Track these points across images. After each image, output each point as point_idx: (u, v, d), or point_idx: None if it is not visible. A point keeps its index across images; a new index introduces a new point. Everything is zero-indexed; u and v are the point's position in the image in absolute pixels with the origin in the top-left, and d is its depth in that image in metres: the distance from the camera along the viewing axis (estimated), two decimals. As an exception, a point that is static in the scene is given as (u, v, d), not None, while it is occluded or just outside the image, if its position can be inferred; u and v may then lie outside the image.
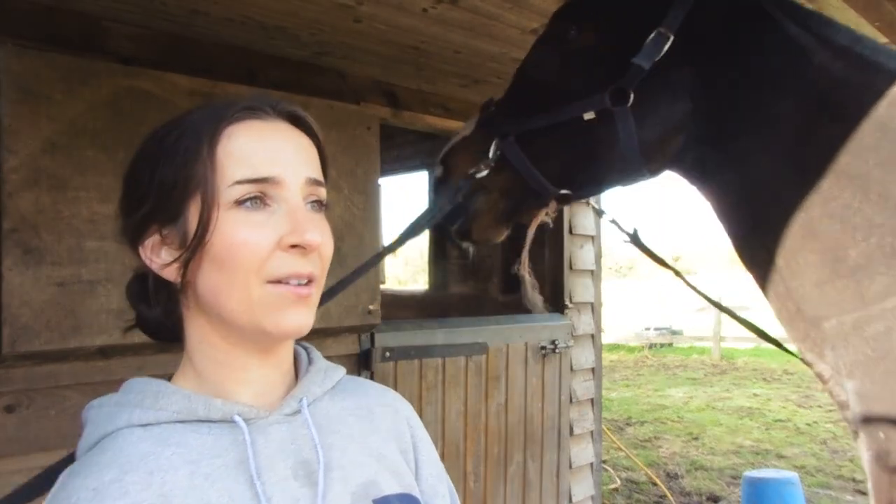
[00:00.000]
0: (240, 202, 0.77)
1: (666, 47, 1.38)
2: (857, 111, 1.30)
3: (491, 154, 1.52)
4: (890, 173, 1.25)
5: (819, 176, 1.31)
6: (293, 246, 0.77)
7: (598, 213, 1.86)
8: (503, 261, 4.29)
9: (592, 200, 1.76)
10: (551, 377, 3.77)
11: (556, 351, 3.76)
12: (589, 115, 1.42)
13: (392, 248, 1.65)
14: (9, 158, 1.94)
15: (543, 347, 3.69)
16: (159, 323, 0.86)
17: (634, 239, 1.73)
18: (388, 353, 2.98)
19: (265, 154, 0.79)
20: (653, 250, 1.76)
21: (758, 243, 1.43)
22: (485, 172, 1.51)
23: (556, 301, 3.95)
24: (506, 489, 3.49)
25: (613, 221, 1.82)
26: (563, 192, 1.53)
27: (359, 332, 2.90)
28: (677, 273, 1.78)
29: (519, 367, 3.57)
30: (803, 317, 1.37)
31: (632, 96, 1.39)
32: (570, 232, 3.93)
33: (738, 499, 5.37)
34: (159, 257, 0.81)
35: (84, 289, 2.06)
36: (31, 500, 0.95)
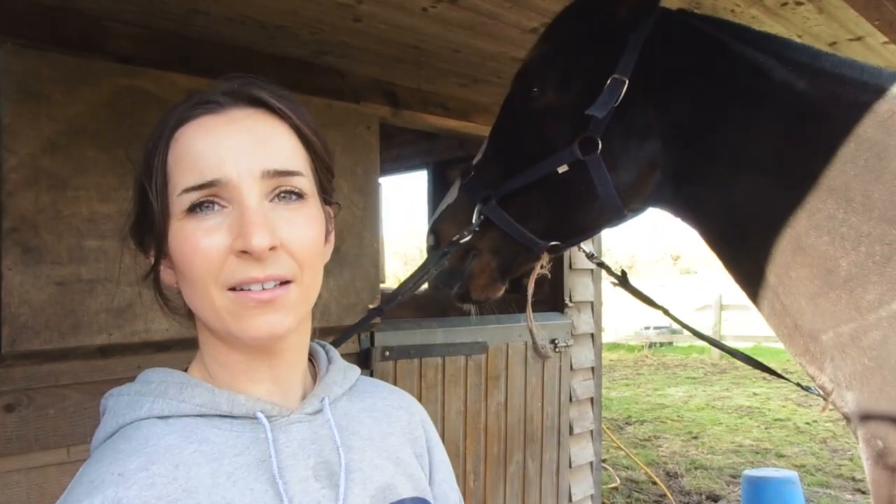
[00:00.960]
0: (191, 210, 0.73)
1: (623, 92, 1.41)
2: (829, 123, 1.31)
3: (474, 219, 1.58)
4: (869, 182, 1.26)
5: (800, 190, 1.32)
6: (243, 251, 0.72)
7: (589, 256, 1.89)
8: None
9: (582, 244, 1.79)
10: (551, 376, 3.77)
11: (556, 350, 3.77)
12: (563, 168, 1.46)
13: (380, 310, 1.75)
14: (9, 158, 1.94)
15: (543, 346, 3.69)
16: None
17: (623, 281, 1.77)
18: (387, 353, 2.98)
19: (212, 154, 0.74)
20: (641, 292, 1.80)
21: (748, 262, 1.44)
22: (468, 237, 1.57)
23: (556, 300, 3.95)
24: (505, 488, 3.49)
25: (601, 264, 1.87)
26: (552, 243, 1.58)
27: (358, 332, 2.90)
28: (666, 312, 1.84)
29: (519, 366, 3.58)
30: (801, 331, 1.37)
31: (600, 144, 1.42)
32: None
33: (738, 498, 5.38)
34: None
35: (84, 288, 2.06)
36: None
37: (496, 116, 1.67)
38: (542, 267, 1.66)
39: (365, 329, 2.89)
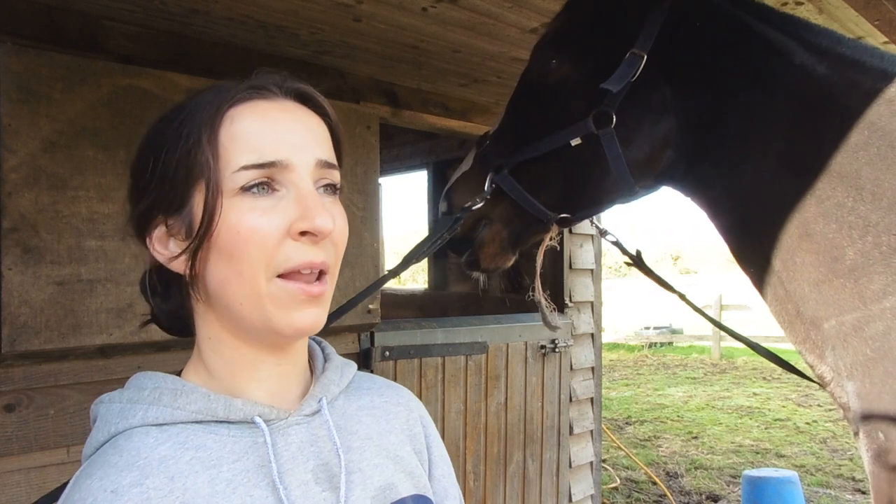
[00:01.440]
0: (246, 188, 0.73)
1: (640, 67, 1.40)
2: (844, 109, 1.30)
3: (486, 188, 1.58)
4: (881, 171, 1.25)
5: (811, 176, 1.31)
6: (303, 233, 0.73)
7: (602, 233, 1.90)
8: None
9: (595, 220, 1.78)
10: (551, 376, 3.77)
11: (556, 350, 3.77)
12: (576, 141, 1.46)
13: (394, 272, 1.76)
14: (8, 158, 1.94)
15: (543, 346, 3.69)
16: (173, 317, 0.84)
17: (637, 261, 1.76)
18: (387, 353, 2.98)
19: (271, 136, 0.74)
20: (655, 273, 1.80)
21: (755, 246, 1.43)
22: (480, 204, 1.58)
23: (556, 300, 3.95)
24: (505, 488, 3.49)
25: (616, 243, 1.88)
26: (563, 215, 1.57)
27: (358, 332, 2.90)
28: (681, 296, 1.83)
29: (519, 366, 3.58)
30: (803, 319, 1.36)
31: (614, 118, 1.42)
32: (570, 231, 3.94)
33: (738, 498, 5.38)
34: (167, 249, 0.77)
35: (83, 288, 2.06)
36: None
37: (515, 87, 1.66)
38: (550, 239, 1.66)
39: (365, 329, 2.89)
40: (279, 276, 0.73)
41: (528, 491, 3.62)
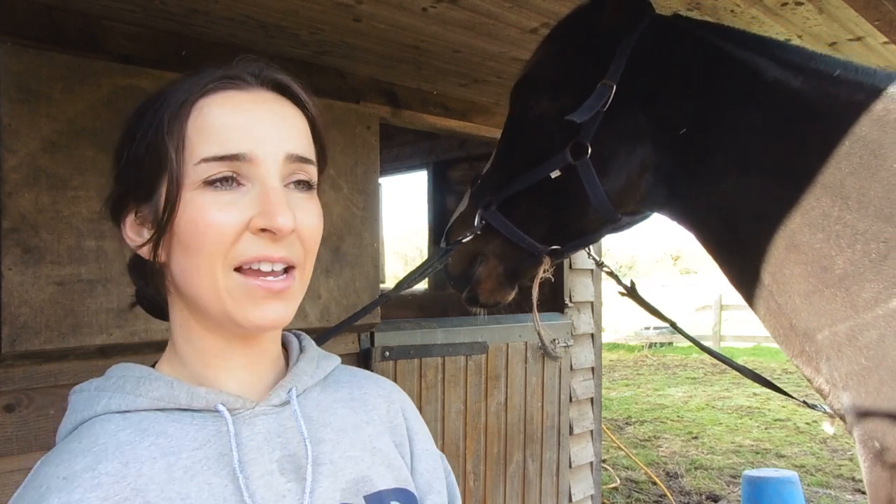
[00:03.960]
0: (208, 181, 0.72)
1: (610, 97, 1.43)
2: (823, 121, 1.32)
3: (476, 222, 1.63)
4: (865, 180, 1.26)
5: (794, 187, 1.33)
6: (263, 230, 0.72)
7: (599, 265, 1.94)
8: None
9: (591, 251, 1.83)
10: (551, 376, 3.77)
11: (565, 347, 3.77)
12: (555, 174, 1.51)
13: (387, 296, 1.80)
14: (8, 158, 1.93)
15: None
16: (154, 301, 0.84)
17: (631, 292, 1.80)
18: (387, 353, 2.98)
19: (239, 128, 0.73)
20: (650, 304, 1.83)
21: (743, 262, 1.45)
22: (469, 237, 1.63)
23: (557, 300, 3.95)
24: (505, 488, 3.49)
25: (611, 273, 1.91)
26: (553, 247, 1.62)
27: (358, 332, 2.90)
28: (673, 325, 1.87)
29: (519, 366, 3.58)
30: (796, 331, 1.36)
31: (590, 148, 1.46)
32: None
33: (738, 498, 5.38)
34: (138, 236, 0.78)
35: (83, 288, 2.05)
36: None
37: (503, 127, 1.72)
38: (545, 271, 1.69)
39: (365, 329, 2.90)
40: (237, 269, 0.73)
41: (528, 491, 3.62)
